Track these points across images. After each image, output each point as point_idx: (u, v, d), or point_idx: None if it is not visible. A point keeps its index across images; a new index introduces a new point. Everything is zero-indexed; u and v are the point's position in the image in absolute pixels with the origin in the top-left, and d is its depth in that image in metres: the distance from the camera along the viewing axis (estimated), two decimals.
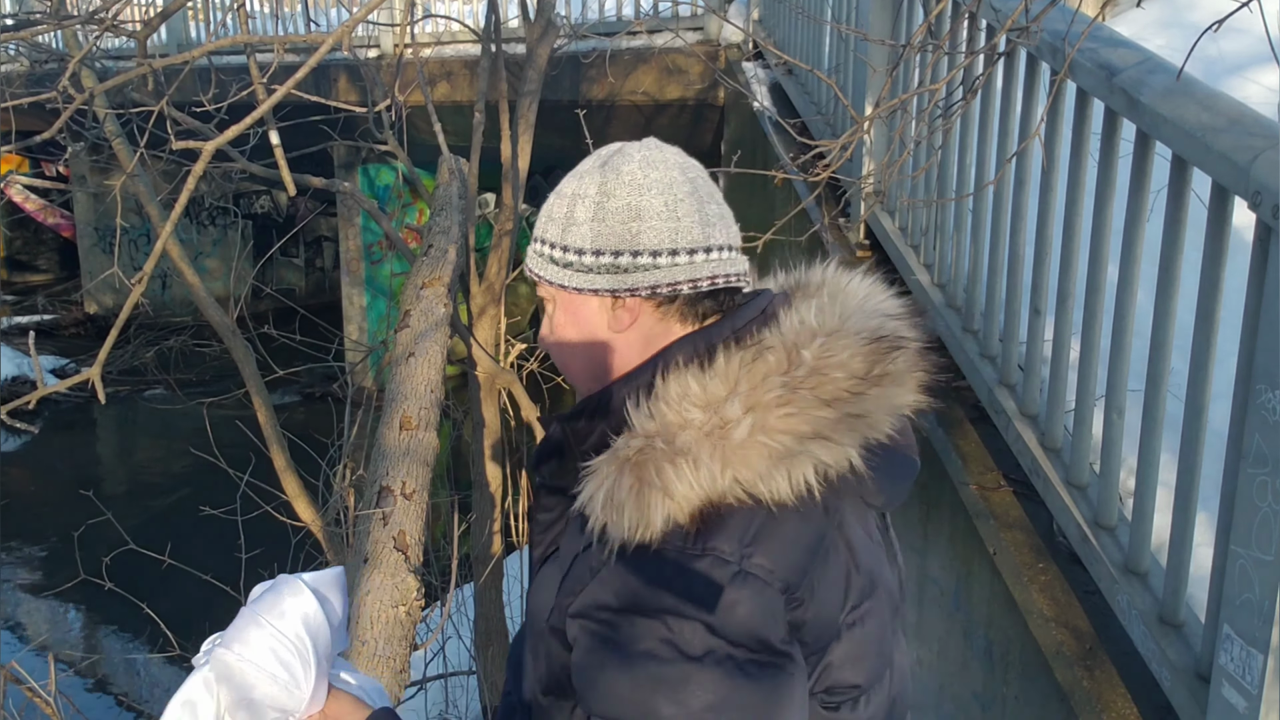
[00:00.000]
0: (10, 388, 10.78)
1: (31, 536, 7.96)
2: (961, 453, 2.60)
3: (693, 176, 1.11)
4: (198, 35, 10.31)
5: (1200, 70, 2.00)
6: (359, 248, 10.68)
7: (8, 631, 6.76)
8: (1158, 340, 1.86)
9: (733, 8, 6.37)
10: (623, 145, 1.12)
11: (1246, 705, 1.54)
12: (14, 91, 4.96)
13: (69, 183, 13.49)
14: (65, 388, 1.58)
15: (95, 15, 2.60)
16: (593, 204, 1.08)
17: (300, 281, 14.57)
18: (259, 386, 3.33)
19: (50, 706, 2.64)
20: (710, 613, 0.93)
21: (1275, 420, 1.47)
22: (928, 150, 2.98)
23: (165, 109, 2.54)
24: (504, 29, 4.62)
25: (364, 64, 4.00)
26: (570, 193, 1.10)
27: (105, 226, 13.43)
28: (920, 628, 2.93)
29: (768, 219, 4.86)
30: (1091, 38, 2.00)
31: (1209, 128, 1.64)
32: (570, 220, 1.09)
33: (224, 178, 12.33)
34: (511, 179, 3.64)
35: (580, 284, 1.09)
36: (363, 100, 6.10)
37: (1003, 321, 2.56)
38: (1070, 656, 2.00)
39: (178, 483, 8.93)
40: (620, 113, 7.14)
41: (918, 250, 3.24)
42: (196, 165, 1.18)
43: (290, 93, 1.08)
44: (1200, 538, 1.82)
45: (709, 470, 0.96)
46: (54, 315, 13.80)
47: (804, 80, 4.85)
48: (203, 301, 3.24)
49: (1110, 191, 2.03)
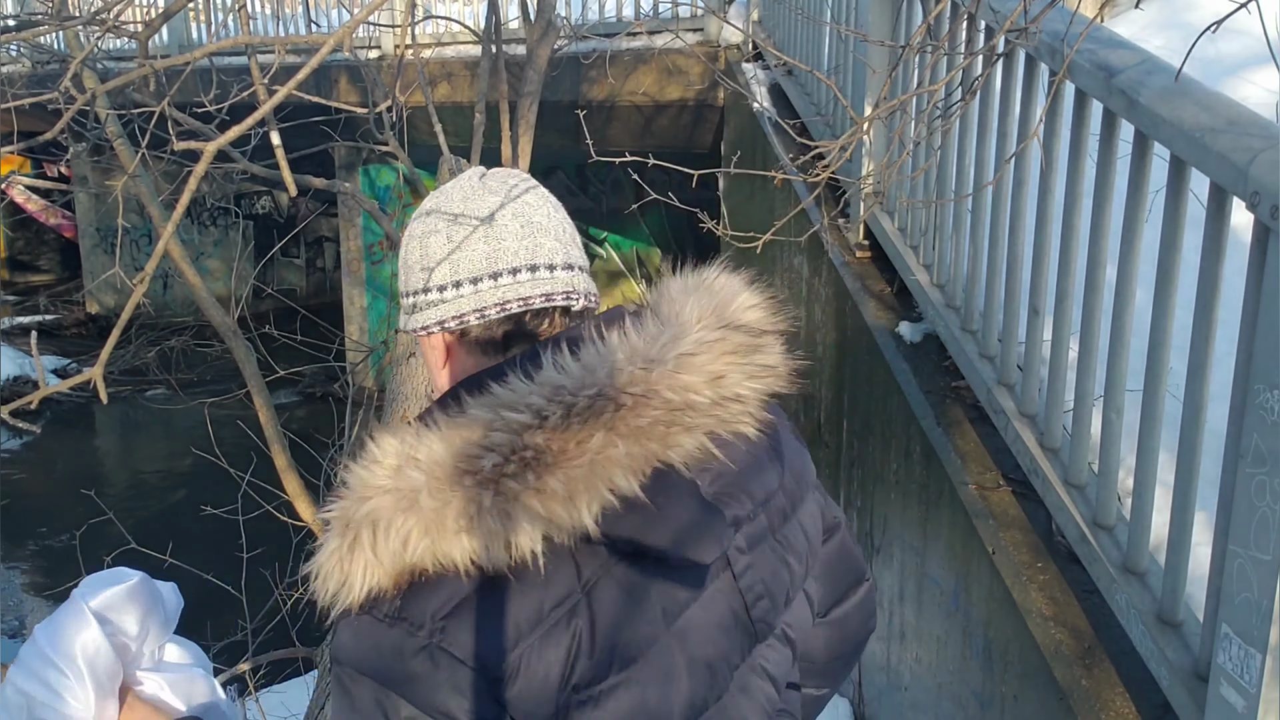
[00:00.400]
0: (12, 387, 10.79)
1: (33, 536, 7.97)
2: (960, 452, 2.61)
3: (493, 203, 1.05)
4: (199, 36, 10.32)
5: (1199, 71, 2.00)
6: (360, 248, 10.69)
7: (9, 631, 6.76)
8: (1156, 340, 1.87)
9: (732, 9, 6.37)
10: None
11: (1245, 704, 1.54)
12: (15, 92, 4.97)
13: (70, 183, 13.49)
14: (67, 388, 1.59)
15: (97, 16, 2.60)
16: (404, 245, 1.09)
17: (301, 282, 14.58)
18: (260, 386, 3.33)
19: None
20: (401, 686, 0.91)
21: (1273, 420, 1.47)
22: (927, 151, 2.98)
23: (166, 110, 2.54)
24: (504, 30, 4.62)
25: (365, 65, 4.01)
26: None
27: (107, 227, 13.44)
28: (919, 627, 2.93)
29: (767, 219, 4.86)
30: (1090, 39, 2.00)
31: (1207, 128, 1.65)
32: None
33: (225, 178, 12.33)
34: None
35: (401, 325, 1.10)
36: (363, 101, 6.10)
37: (1001, 321, 2.57)
38: (1069, 656, 2.01)
39: (179, 482, 8.94)
40: (620, 113, 7.15)
41: (917, 250, 3.25)
42: (198, 166, 1.18)
43: (291, 93, 1.08)
44: (1199, 537, 1.82)
45: (400, 536, 0.90)
46: (56, 315, 13.81)
47: (803, 81, 4.85)
48: (204, 302, 3.25)
49: (1109, 192, 2.04)
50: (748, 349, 1.03)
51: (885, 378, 3.17)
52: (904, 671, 3.11)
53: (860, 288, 3.54)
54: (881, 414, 3.27)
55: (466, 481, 0.90)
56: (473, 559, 0.90)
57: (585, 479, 0.91)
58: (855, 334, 3.56)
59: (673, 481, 0.96)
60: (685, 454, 0.97)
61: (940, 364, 2.99)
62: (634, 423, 0.94)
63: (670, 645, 0.98)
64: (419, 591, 0.91)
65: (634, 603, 0.96)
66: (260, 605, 3.79)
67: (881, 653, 3.35)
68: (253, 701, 3.36)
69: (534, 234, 1.05)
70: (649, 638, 0.97)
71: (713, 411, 0.98)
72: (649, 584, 0.97)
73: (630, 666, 0.95)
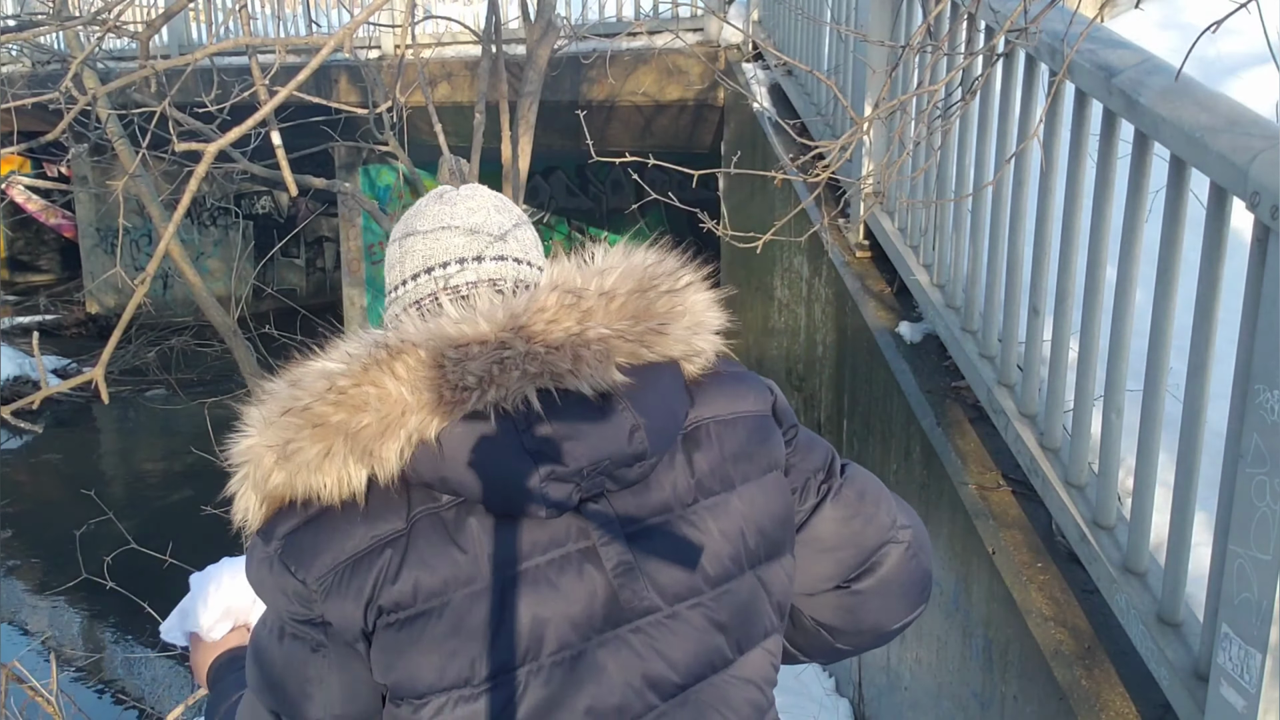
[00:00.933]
0: (12, 387, 10.79)
1: (33, 536, 7.97)
2: (960, 452, 2.61)
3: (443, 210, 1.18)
4: (199, 37, 10.32)
5: (1199, 71, 2.00)
6: (360, 248, 10.69)
7: (10, 630, 6.76)
8: (1156, 340, 1.87)
9: (732, 9, 6.37)
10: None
11: (1245, 704, 1.54)
12: (16, 92, 4.97)
13: (71, 183, 13.49)
14: (68, 388, 1.59)
15: (97, 16, 2.60)
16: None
17: (301, 282, 14.59)
18: (260, 386, 3.33)
19: (52, 705, 2.65)
20: (258, 588, 1.10)
21: (1273, 420, 1.47)
22: (927, 151, 2.98)
23: (167, 110, 2.54)
24: (504, 30, 4.62)
25: (365, 65, 4.01)
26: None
27: (107, 227, 13.45)
28: (920, 627, 2.93)
29: (768, 219, 4.86)
30: (1090, 39, 2.00)
31: (1207, 128, 1.65)
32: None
33: (225, 178, 12.34)
34: (512, 179, 3.64)
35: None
36: (364, 101, 6.10)
37: (1001, 321, 2.57)
38: (1069, 656, 2.01)
39: (179, 482, 8.94)
40: (620, 113, 7.15)
41: (917, 250, 3.25)
42: (198, 166, 1.18)
43: (292, 94, 1.08)
44: (1199, 537, 1.82)
45: (264, 471, 1.06)
46: (56, 315, 13.81)
47: (803, 81, 4.85)
48: (204, 302, 3.25)
49: (1109, 192, 2.04)
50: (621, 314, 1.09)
51: (885, 378, 3.17)
52: (904, 671, 3.11)
53: (860, 288, 3.54)
54: (881, 414, 3.27)
55: (291, 417, 1.05)
56: (318, 492, 1.05)
57: (395, 420, 1.03)
58: (855, 334, 3.56)
59: (490, 430, 1.04)
60: (508, 402, 1.04)
61: (940, 364, 3.00)
62: (449, 373, 1.03)
63: (491, 589, 1.05)
64: (278, 516, 1.08)
65: (451, 543, 1.05)
66: None
67: (881, 653, 3.35)
68: None
69: (443, 236, 1.16)
70: (464, 577, 1.05)
71: (545, 362, 1.04)
72: (478, 529, 1.06)
73: (433, 599, 1.04)
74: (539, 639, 1.06)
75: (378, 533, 1.05)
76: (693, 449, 1.13)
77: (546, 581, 1.06)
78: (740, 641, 1.13)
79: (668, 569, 1.09)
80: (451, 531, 1.05)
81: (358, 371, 1.04)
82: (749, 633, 1.15)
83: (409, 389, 1.03)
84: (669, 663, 1.09)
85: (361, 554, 1.05)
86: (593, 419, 1.05)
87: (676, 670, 1.09)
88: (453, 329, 1.04)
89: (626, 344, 1.07)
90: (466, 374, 1.03)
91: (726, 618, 1.12)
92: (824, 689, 4.06)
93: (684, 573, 1.10)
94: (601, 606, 1.07)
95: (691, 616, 1.10)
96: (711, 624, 1.11)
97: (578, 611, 1.06)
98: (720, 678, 1.12)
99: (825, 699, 3.98)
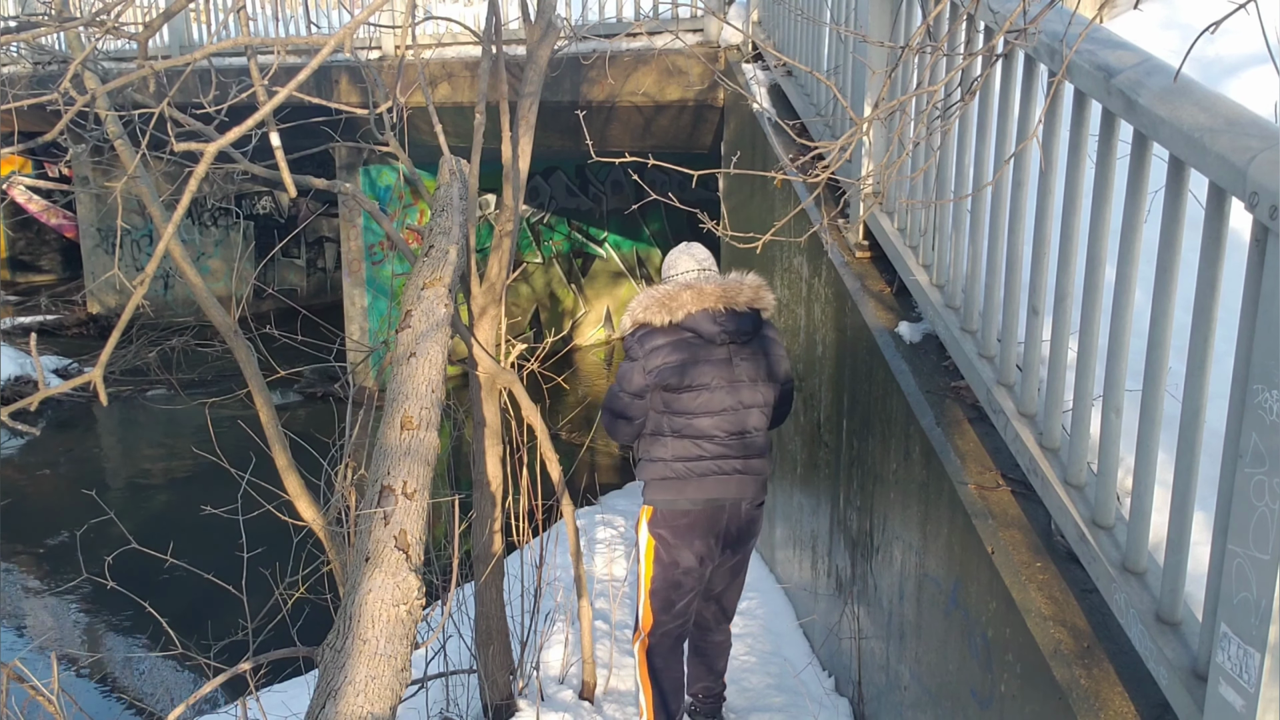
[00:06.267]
0: (12, 388, 10.80)
1: (34, 536, 7.98)
2: (960, 452, 2.61)
3: (686, 249, 3.66)
4: (199, 37, 10.33)
5: (1198, 72, 2.00)
6: (360, 248, 10.70)
7: (11, 630, 6.77)
8: (1155, 340, 1.87)
9: (732, 9, 6.37)
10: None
11: (1244, 704, 1.54)
12: (16, 93, 4.97)
13: (71, 184, 13.52)
14: (68, 389, 1.59)
15: (97, 17, 2.61)
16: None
17: (302, 282, 14.60)
18: (260, 386, 3.34)
19: (53, 705, 2.65)
20: (627, 355, 3.49)
21: (1272, 420, 1.48)
22: (926, 151, 2.99)
23: (167, 110, 2.55)
24: (504, 30, 4.63)
25: (365, 65, 4.01)
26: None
27: (108, 227, 13.46)
28: (919, 627, 2.93)
29: (767, 219, 4.87)
30: (1089, 39, 2.00)
31: (1206, 129, 1.65)
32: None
33: (226, 179, 12.33)
34: (512, 179, 3.65)
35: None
36: (364, 101, 6.11)
37: (1001, 321, 2.57)
38: (1068, 655, 2.01)
39: (179, 482, 8.95)
40: (620, 114, 7.15)
41: (916, 251, 3.25)
42: (199, 167, 1.19)
43: (292, 94, 1.09)
44: (1198, 536, 1.83)
45: (633, 314, 3.46)
46: (57, 315, 13.82)
47: (803, 81, 4.86)
48: (205, 302, 3.25)
49: (1108, 192, 2.04)
50: (727, 291, 3.50)
51: (885, 378, 3.18)
52: (904, 671, 3.11)
53: (860, 288, 3.54)
54: (881, 414, 3.27)
55: (654, 291, 3.49)
56: (651, 320, 3.43)
57: (681, 305, 3.42)
58: (855, 334, 3.56)
59: (706, 313, 3.42)
60: (713, 307, 3.46)
61: (940, 364, 3.00)
62: (697, 294, 3.45)
63: (699, 362, 3.39)
64: (639, 329, 3.47)
65: (689, 346, 3.40)
66: (260, 605, 3.80)
67: (881, 652, 3.35)
68: (253, 701, 3.36)
69: (701, 253, 3.62)
70: (692, 359, 3.39)
71: (719, 297, 3.45)
72: (699, 348, 3.40)
73: (695, 382, 3.40)
74: (711, 379, 3.39)
75: (669, 342, 3.38)
76: (761, 337, 3.51)
77: (717, 363, 3.40)
78: (763, 399, 3.49)
79: (749, 367, 3.44)
80: (689, 342, 3.38)
81: (673, 291, 3.42)
82: (766, 398, 3.50)
83: (689, 297, 3.40)
84: (746, 399, 3.45)
85: (664, 354, 3.37)
86: (735, 317, 3.43)
87: (744, 403, 3.44)
88: (707, 286, 3.45)
89: (744, 299, 3.45)
90: (704, 298, 3.41)
91: (762, 392, 3.48)
92: (824, 688, 4.06)
93: (754, 369, 3.45)
94: (730, 374, 3.42)
95: (754, 385, 3.46)
96: (758, 390, 3.47)
97: (724, 375, 3.40)
98: (755, 409, 3.48)
99: (825, 698, 3.98)
